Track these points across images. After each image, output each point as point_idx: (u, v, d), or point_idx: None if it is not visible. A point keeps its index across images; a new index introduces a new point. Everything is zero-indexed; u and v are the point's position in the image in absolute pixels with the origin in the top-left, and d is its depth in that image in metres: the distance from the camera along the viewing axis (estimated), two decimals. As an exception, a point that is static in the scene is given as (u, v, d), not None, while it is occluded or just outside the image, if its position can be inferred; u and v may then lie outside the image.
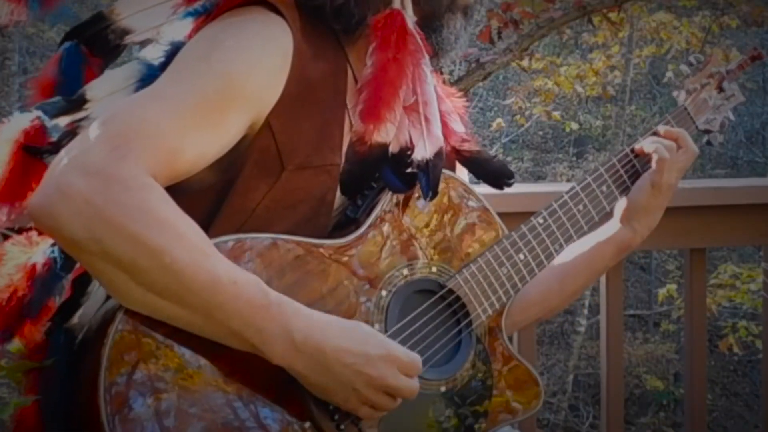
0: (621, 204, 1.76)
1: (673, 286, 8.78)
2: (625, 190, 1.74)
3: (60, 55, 1.50)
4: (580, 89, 9.55)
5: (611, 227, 1.79)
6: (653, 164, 1.72)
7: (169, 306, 1.31)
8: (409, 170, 1.48)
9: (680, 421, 9.40)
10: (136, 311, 1.33)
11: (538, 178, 12.48)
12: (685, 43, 9.01)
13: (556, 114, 9.61)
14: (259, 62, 1.42)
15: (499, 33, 5.37)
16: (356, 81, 1.52)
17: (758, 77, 12.52)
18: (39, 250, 1.44)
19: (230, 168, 1.44)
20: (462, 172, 1.68)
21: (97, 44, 1.50)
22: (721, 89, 1.87)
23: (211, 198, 1.45)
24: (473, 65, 5.34)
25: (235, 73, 1.40)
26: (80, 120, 1.45)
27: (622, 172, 1.74)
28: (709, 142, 1.87)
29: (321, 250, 1.46)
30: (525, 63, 6.12)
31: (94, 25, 1.50)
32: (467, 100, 1.75)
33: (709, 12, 8.90)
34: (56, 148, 1.38)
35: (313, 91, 1.46)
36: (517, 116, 11.29)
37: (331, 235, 1.49)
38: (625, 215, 1.76)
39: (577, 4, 5.37)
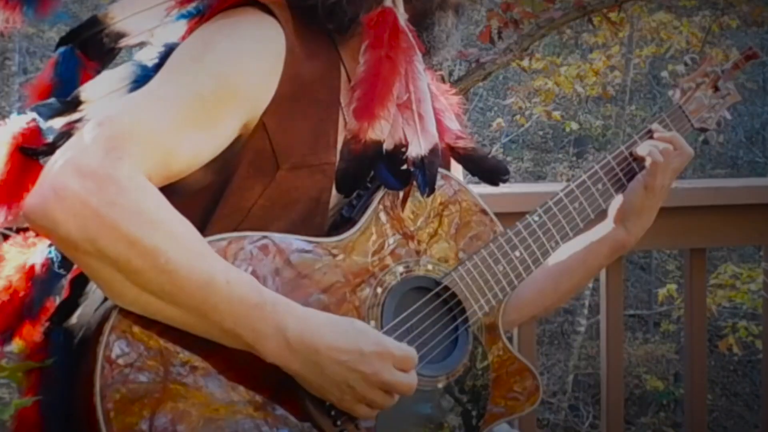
0: (614, 205, 1.77)
1: (673, 286, 8.78)
2: (621, 188, 1.74)
3: (56, 59, 1.51)
4: (580, 89, 9.55)
5: (605, 227, 1.79)
6: (647, 166, 1.72)
7: (164, 306, 1.32)
8: (404, 167, 1.48)
9: (680, 421, 9.40)
10: (131, 311, 1.33)
11: (538, 178, 12.49)
12: (685, 43, 9.02)
13: (556, 114, 9.62)
14: (252, 63, 1.43)
15: (499, 33, 5.37)
16: (349, 79, 1.52)
17: (758, 77, 12.52)
18: (37, 251, 1.44)
19: (225, 168, 1.44)
20: (456, 170, 1.69)
21: (92, 48, 1.51)
22: (716, 88, 1.88)
23: (206, 198, 1.45)
24: (473, 65, 5.34)
25: (228, 74, 1.40)
26: (75, 121, 1.45)
27: (617, 170, 1.74)
28: (705, 141, 1.88)
29: (317, 248, 1.46)
30: (525, 63, 6.12)
31: (89, 29, 1.50)
32: (466, 100, 1.75)
33: (709, 12, 8.91)
34: (51, 149, 1.39)
35: (307, 91, 1.47)
36: (517, 116, 11.30)
37: (327, 235, 1.49)
38: (619, 216, 1.77)
39: (577, 4, 5.38)
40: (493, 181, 1.66)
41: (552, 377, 10.91)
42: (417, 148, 1.47)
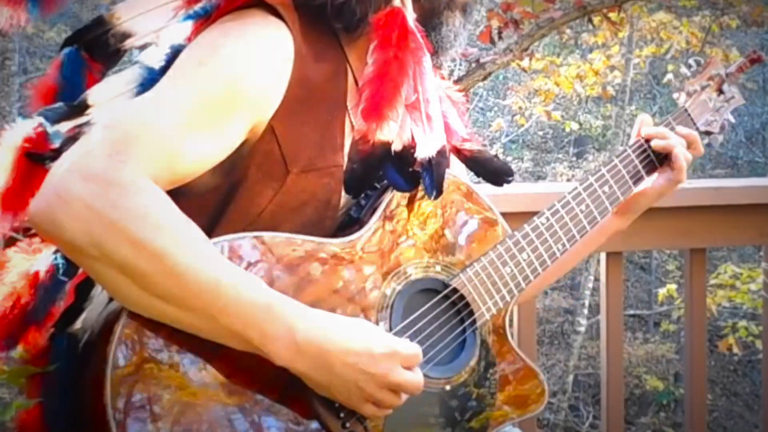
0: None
1: (673, 286, 8.78)
2: (627, 191, 1.75)
3: (60, 60, 1.50)
4: (580, 89, 9.55)
5: (608, 219, 1.82)
6: (675, 162, 1.75)
7: (171, 309, 1.31)
8: (412, 169, 1.48)
9: (680, 421, 9.41)
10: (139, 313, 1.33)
11: (538, 178, 12.50)
12: (685, 43, 9.01)
13: (556, 114, 9.62)
14: (260, 66, 1.42)
15: (500, 33, 5.36)
16: (356, 81, 1.52)
17: (758, 77, 12.54)
18: (41, 258, 1.44)
19: (233, 171, 1.44)
20: (461, 170, 1.69)
21: (97, 49, 1.50)
22: (721, 91, 1.88)
23: (214, 201, 1.45)
24: (473, 65, 5.33)
25: (235, 77, 1.40)
26: (82, 125, 1.45)
27: (624, 172, 1.74)
28: (709, 144, 1.88)
29: (325, 248, 1.46)
30: (525, 63, 6.11)
31: (95, 30, 1.50)
32: (467, 98, 1.75)
33: (709, 12, 8.90)
34: (58, 154, 1.38)
35: (315, 94, 1.46)
36: (517, 116, 11.31)
37: (335, 236, 1.49)
38: (623, 209, 1.80)
39: (577, 4, 5.37)
40: (498, 182, 1.67)
41: (552, 377, 10.91)
42: (425, 150, 1.47)
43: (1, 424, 1.39)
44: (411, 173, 1.49)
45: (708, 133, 1.87)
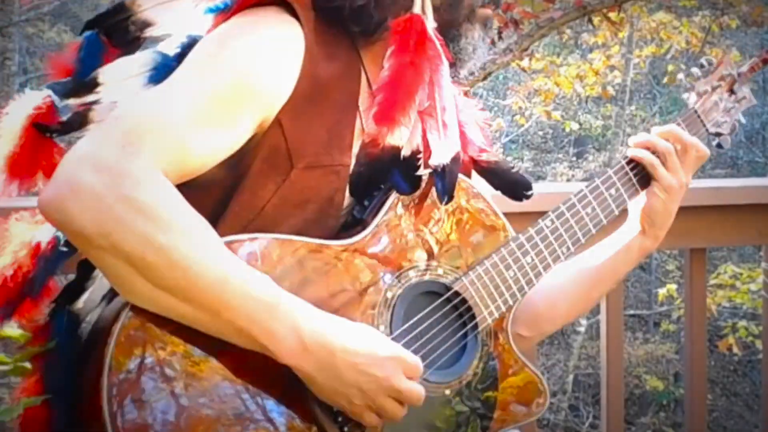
0: (637, 213, 1.74)
1: (673, 286, 8.79)
2: (634, 193, 1.72)
3: (80, 43, 1.51)
4: (580, 89, 9.56)
5: (629, 235, 1.77)
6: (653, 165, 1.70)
7: (176, 302, 1.31)
8: (417, 173, 1.48)
9: (680, 421, 9.42)
10: (143, 308, 1.33)
11: (538, 178, 12.50)
12: (685, 43, 9.02)
13: (556, 114, 9.63)
14: (270, 62, 1.43)
15: (500, 33, 5.36)
16: (369, 84, 1.52)
17: (758, 77, 12.52)
18: (44, 229, 1.44)
19: (238, 165, 1.44)
20: (483, 185, 1.67)
21: (117, 34, 1.51)
22: (732, 92, 1.86)
23: (218, 194, 1.45)
24: (473, 65, 5.34)
25: (245, 72, 1.40)
26: (91, 103, 1.46)
27: (631, 174, 1.72)
28: (719, 145, 1.85)
29: (327, 250, 1.46)
30: (525, 63, 6.12)
31: (115, 15, 1.51)
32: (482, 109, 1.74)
33: (709, 12, 8.91)
34: (65, 128, 1.40)
35: (325, 92, 1.47)
36: (517, 116, 11.32)
37: (337, 236, 1.49)
38: (646, 222, 1.74)
39: (577, 4, 5.38)
40: (517, 196, 1.64)
41: (552, 377, 10.92)
42: (439, 156, 1.47)
43: (1, 424, 1.39)
44: (414, 177, 1.49)
45: (718, 135, 1.84)
